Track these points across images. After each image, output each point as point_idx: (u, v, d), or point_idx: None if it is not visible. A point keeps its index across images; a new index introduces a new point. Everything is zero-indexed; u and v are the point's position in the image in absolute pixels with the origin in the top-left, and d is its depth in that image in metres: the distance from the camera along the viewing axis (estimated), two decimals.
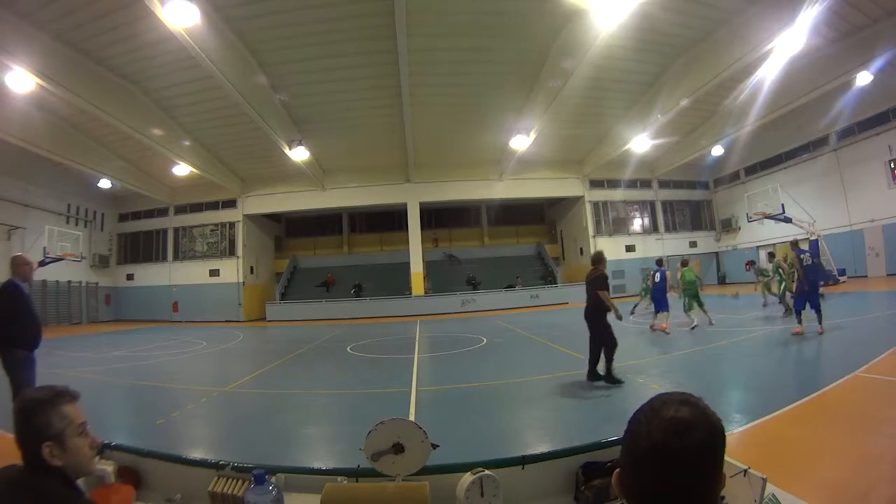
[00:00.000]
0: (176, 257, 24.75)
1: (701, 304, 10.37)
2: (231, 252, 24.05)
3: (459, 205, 27.22)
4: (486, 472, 1.34)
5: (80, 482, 1.23)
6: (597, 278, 5.79)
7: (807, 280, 7.81)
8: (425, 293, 23.01)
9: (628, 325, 11.20)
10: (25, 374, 3.68)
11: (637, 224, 25.72)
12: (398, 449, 1.37)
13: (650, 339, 9.39)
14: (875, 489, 2.50)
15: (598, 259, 5.98)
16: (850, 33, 13.43)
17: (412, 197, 23.51)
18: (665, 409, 0.73)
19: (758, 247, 23.89)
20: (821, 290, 8.82)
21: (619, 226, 25.14)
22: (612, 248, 24.32)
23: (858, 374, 4.78)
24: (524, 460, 1.44)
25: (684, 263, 11.33)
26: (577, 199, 24.83)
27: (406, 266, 23.53)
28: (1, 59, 10.44)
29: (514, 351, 9.13)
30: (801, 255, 8.18)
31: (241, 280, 23.55)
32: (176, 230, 24.94)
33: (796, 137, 20.57)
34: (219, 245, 24.41)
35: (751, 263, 16.70)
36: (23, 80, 11.33)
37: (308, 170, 20.60)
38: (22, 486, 1.08)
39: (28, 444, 1.12)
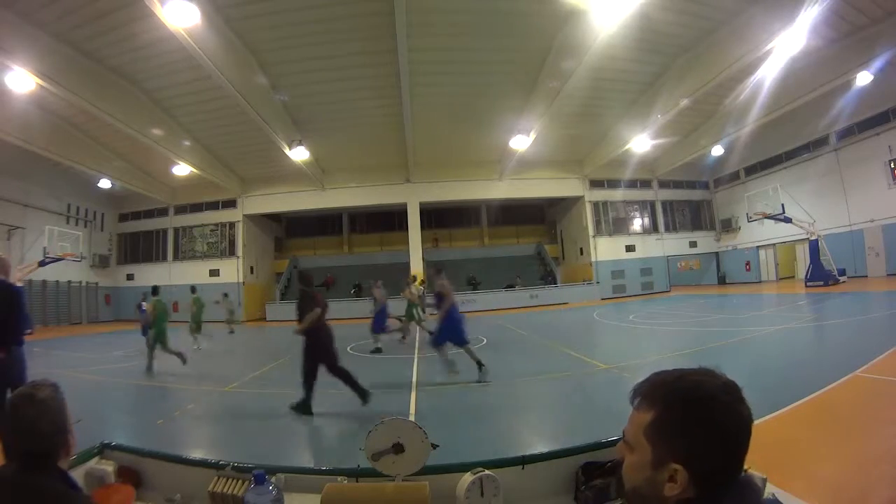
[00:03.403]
0: (176, 257, 24.75)
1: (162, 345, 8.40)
2: (231, 252, 24.04)
3: (459, 205, 27.21)
4: (486, 472, 1.34)
5: (81, 482, 1.23)
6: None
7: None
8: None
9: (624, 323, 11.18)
10: (26, 371, 3.71)
11: (637, 224, 25.72)
12: (398, 449, 1.36)
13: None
14: (875, 489, 2.50)
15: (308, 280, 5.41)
16: (850, 33, 13.42)
17: (412, 197, 23.50)
18: (708, 379, 0.73)
19: (758, 247, 23.92)
20: None
21: (619, 226, 25.14)
22: (612, 248, 24.40)
23: (858, 374, 4.78)
24: (524, 460, 1.44)
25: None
26: (577, 199, 24.82)
27: (406, 266, 23.52)
28: (1, 59, 10.44)
29: (514, 351, 9.13)
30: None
31: (240, 280, 23.55)
32: (176, 230, 24.93)
33: (796, 137, 20.56)
34: (219, 245, 24.41)
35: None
36: (23, 80, 11.32)
37: (308, 170, 20.60)
38: (21, 487, 1.05)
39: (46, 440, 1.11)
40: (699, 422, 0.71)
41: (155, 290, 9.41)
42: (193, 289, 13.43)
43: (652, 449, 0.74)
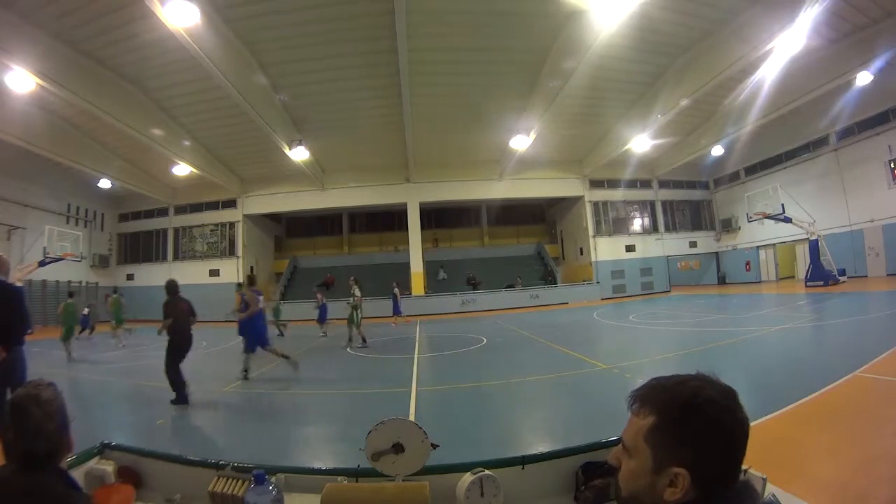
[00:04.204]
0: (176, 257, 24.75)
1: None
2: (231, 252, 24.05)
3: (459, 205, 27.22)
4: (486, 472, 1.34)
5: (81, 482, 1.23)
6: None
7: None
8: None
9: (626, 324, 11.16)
10: (26, 371, 3.71)
11: (637, 224, 25.73)
12: (398, 449, 1.36)
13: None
14: (875, 489, 2.50)
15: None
16: (850, 33, 13.42)
17: (412, 197, 23.52)
18: (707, 385, 0.75)
19: (758, 247, 23.92)
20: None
21: (619, 226, 25.15)
22: (612, 248, 24.40)
23: (858, 374, 4.78)
24: (524, 460, 1.44)
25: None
26: (577, 199, 24.83)
27: (406, 266, 23.53)
28: (1, 59, 10.44)
29: (514, 351, 9.13)
30: (259, 297, 7.41)
31: (241, 280, 23.50)
32: (176, 230, 24.94)
33: (796, 137, 20.56)
34: (219, 245, 24.41)
35: None
36: (23, 80, 11.33)
37: (308, 170, 20.61)
38: (23, 488, 1.04)
39: (50, 440, 1.11)
40: (702, 426, 0.72)
41: (70, 294, 11.48)
42: (116, 289, 14.43)
43: (653, 453, 0.74)
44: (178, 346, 5.86)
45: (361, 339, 10.51)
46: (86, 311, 14.27)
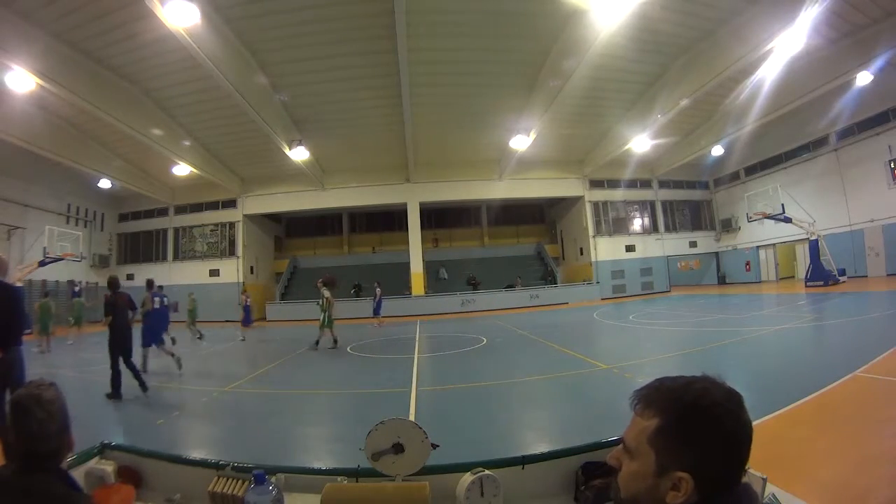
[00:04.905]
0: (176, 257, 24.74)
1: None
2: (231, 252, 24.03)
3: (459, 205, 27.20)
4: (486, 472, 1.34)
5: (81, 482, 1.23)
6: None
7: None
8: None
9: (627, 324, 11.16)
10: (24, 371, 3.71)
11: (637, 224, 25.72)
12: (398, 449, 1.36)
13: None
14: (875, 489, 2.50)
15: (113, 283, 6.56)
16: (850, 33, 13.42)
17: (412, 197, 23.51)
18: (713, 387, 0.74)
19: (758, 247, 23.92)
20: None
21: (619, 226, 25.14)
22: (612, 248, 24.41)
23: (858, 374, 4.78)
24: (524, 460, 1.44)
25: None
26: (578, 199, 24.82)
27: (406, 266, 23.52)
28: (1, 59, 10.43)
29: (514, 351, 9.14)
30: (155, 298, 8.15)
31: (240, 280, 23.53)
32: (176, 230, 24.93)
33: (796, 137, 20.56)
34: (219, 245, 24.40)
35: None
36: (23, 80, 11.31)
37: (308, 170, 20.59)
38: (25, 489, 1.04)
39: (53, 441, 1.11)
40: (708, 430, 0.70)
41: (45, 294, 12.47)
42: (79, 292, 15.69)
43: (656, 456, 0.73)
44: (117, 340, 6.09)
45: (333, 340, 10.47)
46: (77, 287, 15.28)
